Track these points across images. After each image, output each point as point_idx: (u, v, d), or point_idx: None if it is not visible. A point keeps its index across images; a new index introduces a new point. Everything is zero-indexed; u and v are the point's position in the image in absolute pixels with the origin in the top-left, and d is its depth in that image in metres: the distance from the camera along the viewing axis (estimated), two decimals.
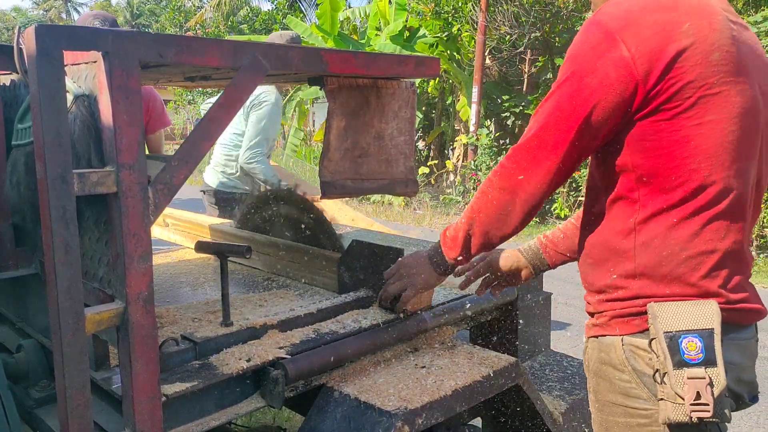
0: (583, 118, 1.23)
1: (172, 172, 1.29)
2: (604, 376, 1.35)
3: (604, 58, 1.20)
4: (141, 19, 42.22)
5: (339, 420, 1.51)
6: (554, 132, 1.27)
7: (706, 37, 1.19)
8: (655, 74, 1.17)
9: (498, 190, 1.36)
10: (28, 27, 1.15)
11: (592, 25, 1.25)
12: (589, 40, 1.24)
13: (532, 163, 1.31)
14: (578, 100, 1.23)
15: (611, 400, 1.34)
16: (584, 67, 1.23)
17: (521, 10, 10.65)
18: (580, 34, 1.28)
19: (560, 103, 1.26)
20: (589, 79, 1.22)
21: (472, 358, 1.77)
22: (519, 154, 1.33)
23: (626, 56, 1.18)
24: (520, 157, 1.32)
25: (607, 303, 1.34)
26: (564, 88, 1.26)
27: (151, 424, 1.28)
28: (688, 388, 1.17)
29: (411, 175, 1.97)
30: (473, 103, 10.19)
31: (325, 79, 1.72)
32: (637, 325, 1.29)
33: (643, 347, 1.27)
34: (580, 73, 1.23)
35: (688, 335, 1.20)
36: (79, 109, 1.27)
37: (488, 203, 1.39)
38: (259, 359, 1.51)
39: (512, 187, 1.34)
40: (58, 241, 1.16)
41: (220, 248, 1.71)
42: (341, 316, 1.80)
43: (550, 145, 1.28)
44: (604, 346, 1.34)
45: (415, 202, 11.09)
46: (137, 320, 1.25)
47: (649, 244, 1.27)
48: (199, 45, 1.32)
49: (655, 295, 1.26)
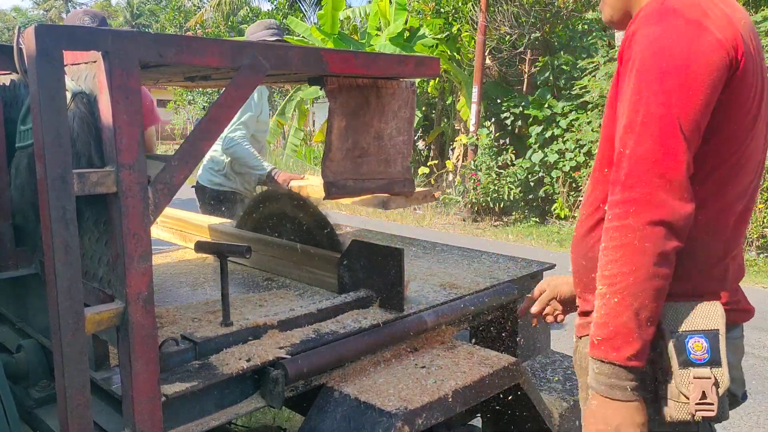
0: (701, 106, 1.14)
1: (172, 172, 1.30)
2: None
3: (700, 41, 1.14)
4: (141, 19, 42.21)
5: (339, 420, 1.51)
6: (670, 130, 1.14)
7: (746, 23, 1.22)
8: (740, 55, 1.17)
9: (643, 227, 1.13)
10: (28, 27, 1.15)
11: (669, 13, 1.18)
12: (674, 28, 1.16)
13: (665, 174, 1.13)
14: (691, 88, 1.13)
15: None
16: (685, 55, 1.14)
17: (521, 10, 10.64)
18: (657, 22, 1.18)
19: (670, 100, 1.14)
20: (696, 65, 1.13)
21: (472, 358, 1.77)
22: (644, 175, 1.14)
23: (720, 38, 1.15)
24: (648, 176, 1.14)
25: None
26: (667, 83, 1.14)
27: (151, 424, 1.28)
28: (694, 388, 1.17)
29: (408, 175, 1.97)
30: (473, 103, 10.18)
31: (325, 79, 1.72)
32: None
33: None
34: (682, 62, 1.14)
35: (694, 335, 1.19)
36: (78, 107, 1.27)
37: (641, 251, 1.13)
38: (259, 359, 1.51)
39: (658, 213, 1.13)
40: (58, 241, 1.16)
41: (220, 248, 1.71)
42: (341, 316, 1.80)
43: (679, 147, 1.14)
44: None
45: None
46: (137, 320, 1.25)
47: None
48: (199, 45, 1.32)
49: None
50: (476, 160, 10.02)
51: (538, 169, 9.89)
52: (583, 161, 9.41)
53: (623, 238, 1.14)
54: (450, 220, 10.14)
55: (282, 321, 1.68)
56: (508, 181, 9.74)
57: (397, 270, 1.82)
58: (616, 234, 1.16)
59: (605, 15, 1.42)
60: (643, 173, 1.14)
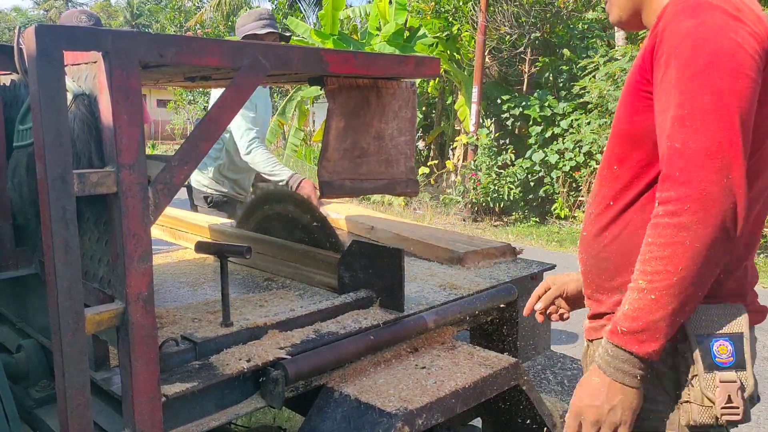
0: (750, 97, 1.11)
1: (172, 172, 1.29)
2: None
3: (739, 32, 1.12)
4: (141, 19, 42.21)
5: (339, 420, 1.51)
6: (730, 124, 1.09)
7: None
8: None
9: (696, 226, 1.09)
10: (28, 27, 1.15)
11: (705, 7, 1.15)
12: (712, 21, 1.13)
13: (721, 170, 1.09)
14: (740, 77, 1.10)
15: None
16: (724, 43, 1.11)
17: (521, 10, 10.64)
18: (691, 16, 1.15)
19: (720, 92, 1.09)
20: (741, 54, 1.10)
21: (473, 358, 1.77)
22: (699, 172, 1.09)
23: (757, 31, 1.13)
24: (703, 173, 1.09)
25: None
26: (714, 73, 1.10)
27: (151, 425, 1.28)
28: (720, 392, 1.15)
29: (411, 175, 1.97)
30: (473, 103, 10.18)
31: (325, 79, 1.72)
32: None
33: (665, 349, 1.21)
34: (723, 50, 1.10)
35: (719, 339, 1.18)
36: (79, 108, 1.27)
37: (689, 251, 1.09)
38: (259, 359, 1.51)
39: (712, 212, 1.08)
40: (58, 242, 1.16)
41: (220, 248, 1.71)
42: (341, 316, 1.80)
43: (734, 141, 1.09)
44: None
45: (415, 202, 11.08)
46: (137, 320, 1.25)
47: None
48: (199, 45, 1.32)
49: None
50: (476, 160, 10.02)
51: (538, 169, 9.89)
52: (583, 161, 9.41)
53: (674, 236, 1.10)
54: (450, 220, 10.14)
55: (282, 321, 1.68)
56: (508, 181, 9.74)
57: (397, 270, 1.82)
58: (666, 231, 1.11)
59: (613, 16, 1.39)
60: (699, 169, 1.09)
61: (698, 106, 1.10)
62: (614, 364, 1.18)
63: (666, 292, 1.12)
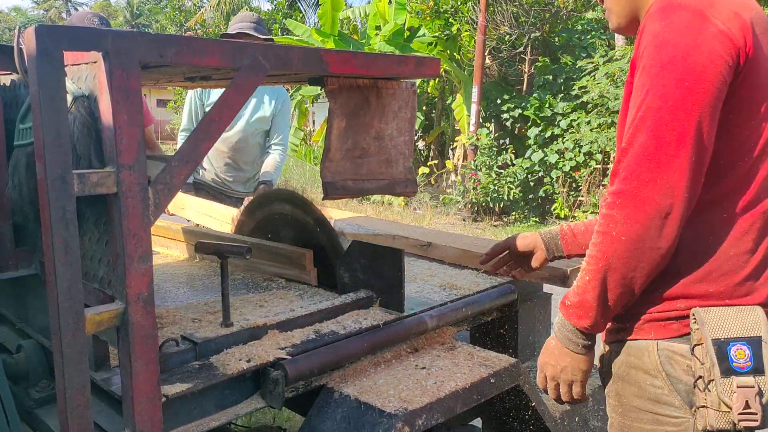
0: (700, 100, 1.12)
1: (172, 172, 1.29)
2: (632, 381, 1.31)
3: (703, 33, 1.13)
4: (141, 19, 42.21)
5: (339, 421, 1.51)
6: (673, 124, 1.12)
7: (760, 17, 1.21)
8: (749, 47, 1.15)
9: (623, 221, 1.16)
10: (28, 27, 1.15)
11: (673, 8, 1.17)
12: (676, 22, 1.15)
13: (657, 170, 1.13)
14: (690, 81, 1.12)
15: (638, 405, 1.30)
16: (684, 48, 1.12)
17: (521, 10, 10.65)
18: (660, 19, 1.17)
19: (666, 93, 1.13)
20: (696, 56, 1.12)
21: (473, 358, 1.77)
22: (636, 169, 1.15)
23: (724, 29, 1.14)
24: (639, 170, 1.14)
25: (643, 306, 1.28)
26: (664, 76, 1.13)
27: (151, 425, 1.28)
28: (737, 397, 1.14)
29: (410, 175, 1.97)
30: (473, 103, 10.19)
31: (325, 79, 1.72)
32: (675, 330, 1.24)
33: (682, 353, 1.23)
34: (681, 54, 1.12)
35: (736, 343, 1.16)
36: (79, 110, 1.27)
37: (615, 241, 1.17)
38: (259, 360, 1.51)
39: (641, 209, 1.14)
40: (57, 242, 1.16)
41: (220, 249, 1.71)
42: (341, 316, 1.80)
43: (672, 142, 1.12)
44: (633, 350, 1.30)
45: (415, 202, 11.08)
46: (137, 321, 1.25)
47: (695, 240, 1.22)
48: (199, 45, 1.32)
49: (698, 295, 1.22)
50: (476, 160, 10.02)
51: (538, 169, 9.89)
52: (582, 161, 9.42)
53: (606, 227, 1.19)
54: (450, 220, 10.14)
55: (282, 321, 1.68)
56: (508, 181, 9.75)
57: (397, 270, 1.82)
58: (602, 221, 1.20)
59: (612, 23, 1.40)
60: (635, 167, 1.15)
61: (647, 107, 1.15)
62: (563, 332, 1.32)
63: (597, 276, 1.21)
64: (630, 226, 1.15)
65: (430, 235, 2.60)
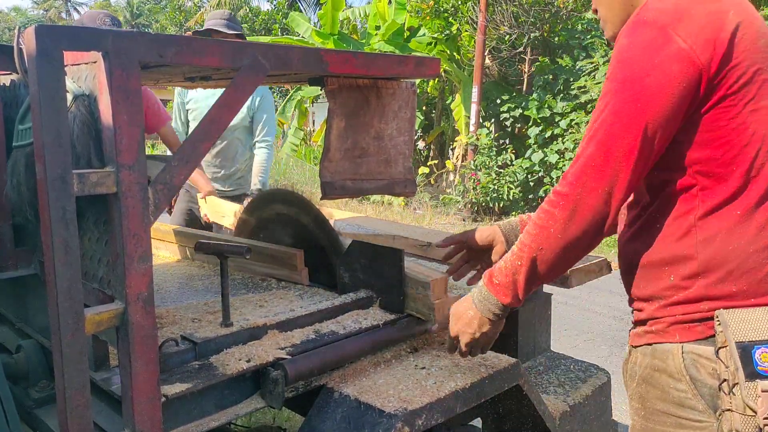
0: (651, 120, 1.17)
1: (172, 172, 1.29)
2: (656, 384, 1.30)
3: (661, 54, 1.16)
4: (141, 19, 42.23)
5: (339, 421, 1.51)
6: (620, 141, 1.19)
7: (750, 24, 1.20)
8: (715, 62, 1.16)
9: (563, 221, 1.25)
10: (28, 27, 1.15)
11: (640, 24, 1.21)
12: (639, 40, 1.19)
13: (601, 181, 1.21)
14: (641, 103, 1.17)
15: (661, 408, 1.29)
16: (641, 67, 1.17)
17: (521, 10, 10.65)
18: (627, 35, 1.22)
19: (620, 110, 1.19)
20: (650, 78, 1.17)
21: (472, 358, 1.77)
22: (582, 176, 1.23)
23: (685, 47, 1.15)
24: (585, 178, 1.22)
25: (667, 308, 1.28)
26: (621, 94, 1.19)
27: (151, 425, 1.28)
28: (762, 401, 1.13)
29: (409, 176, 1.97)
30: (473, 103, 10.19)
31: (325, 79, 1.72)
32: (700, 332, 1.24)
33: (707, 356, 1.22)
34: (637, 74, 1.18)
35: (761, 346, 1.16)
36: (79, 109, 1.27)
37: (551, 237, 1.27)
38: (259, 360, 1.51)
39: (581, 214, 1.24)
40: (57, 242, 1.16)
41: (220, 248, 1.71)
42: (341, 316, 1.80)
43: (619, 157, 1.19)
44: (659, 353, 1.29)
45: (415, 202, 11.08)
46: (137, 321, 1.25)
47: (711, 240, 1.22)
48: (199, 45, 1.32)
49: (722, 296, 1.22)
50: (476, 160, 10.02)
51: (537, 169, 9.89)
52: None
53: (545, 222, 1.28)
54: (450, 220, 10.14)
55: (282, 321, 1.68)
56: (508, 181, 9.75)
57: (397, 270, 1.82)
58: (542, 216, 1.30)
59: (608, 33, 1.41)
60: (582, 174, 1.23)
61: (600, 120, 1.22)
62: (485, 305, 1.44)
63: (526, 263, 1.32)
64: (568, 226, 1.25)
65: (430, 235, 2.60)
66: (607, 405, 2.22)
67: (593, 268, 2.30)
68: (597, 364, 2.31)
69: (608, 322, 5.18)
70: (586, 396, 2.08)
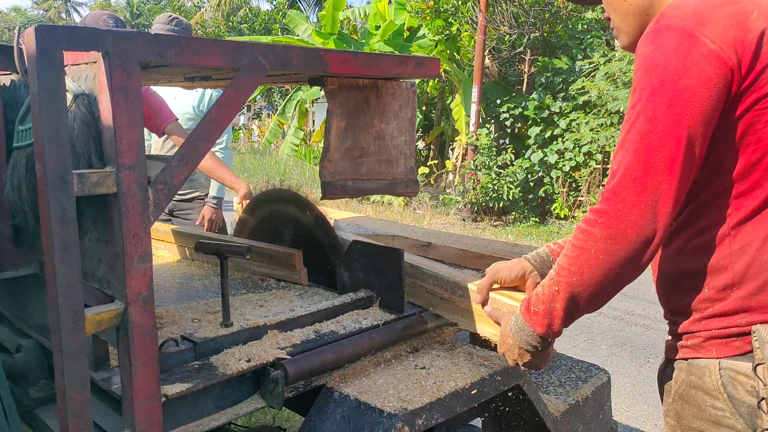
0: (691, 125, 1.11)
1: (172, 172, 1.29)
2: (692, 401, 1.25)
3: (692, 55, 1.12)
4: (141, 19, 42.22)
5: (339, 421, 1.51)
6: (660, 151, 1.12)
7: None
8: (745, 63, 1.13)
9: (604, 240, 1.16)
10: (28, 27, 1.15)
11: (663, 30, 1.16)
12: (666, 45, 1.14)
13: (642, 194, 1.13)
14: (680, 106, 1.11)
15: (698, 427, 1.25)
16: (673, 71, 1.12)
17: (520, 10, 10.65)
18: (651, 42, 1.17)
19: (656, 118, 1.12)
20: (684, 81, 1.11)
21: (472, 358, 1.77)
22: (621, 191, 1.14)
23: (714, 48, 1.12)
24: (625, 192, 1.14)
25: (702, 322, 1.23)
26: (654, 101, 1.13)
27: (151, 425, 1.28)
28: None
29: (411, 176, 1.97)
30: (473, 103, 10.18)
31: (325, 79, 1.72)
32: (738, 347, 1.19)
33: (745, 372, 1.17)
34: (670, 78, 1.12)
35: None
36: (79, 108, 1.27)
37: (592, 259, 1.17)
38: (259, 360, 1.51)
39: (624, 232, 1.14)
40: (57, 241, 1.16)
41: (220, 248, 1.71)
42: (341, 316, 1.80)
43: (660, 167, 1.12)
44: (695, 369, 1.24)
45: (415, 202, 11.08)
46: (137, 321, 1.25)
47: (747, 249, 1.18)
48: (199, 45, 1.32)
49: (758, 307, 1.17)
50: (476, 160, 10.02)
51: (537, 169, 9.89)
52: (582, 161, 9.42)
53: (584, 243, 1.19)
54: (450, 220, 10.14)
55: (282, 321, 1.68)
56: (508, 181, 9.74)
57: (397, 270, 1.82)
58: (580, 236, 1.20)
59: (622, 42, 1.37)
60: (621, 189, 1.15)
61: (636, 131, 1.15)
62: (521, 335, 1.34)
63: (566, 289, 1.22)
64: (610, 246, 1.16)
65: (429, 235, 2.60)
66: (608, 405, 2.22)
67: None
68: (597, 365, 2.31)
69: (608, 322, 5.18)
70: (586, 396, 2.08)
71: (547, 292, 1.26)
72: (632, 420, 3.51)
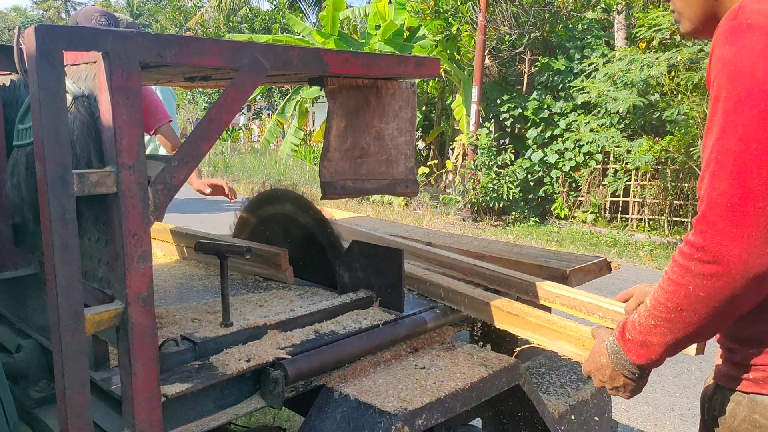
0: None
1: (172, 172, 1.29)
2: None
3: None
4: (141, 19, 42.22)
5: (339, 420, 1.51)
6: (759, 171, 0.99)
7: None
8: None
9: (704, 277, 1.03)
10: (27, 27, 1.15)
11: (743, 30, 1.03)
12: (749, 47, 1.01)
13: (744, 225, 0.99)
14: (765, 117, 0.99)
15: None
16: (762, 76, 0.99)
17: (521, 10, 10.64)
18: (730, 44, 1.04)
19: (749, 133, 0.99)
20: None
21: (472, 358, 1.77)
22: (717, 223, 1.01)
23: None
24: (722, 224, 1.01)
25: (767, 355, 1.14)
26: (744, 113, 1.00)
27: (151, 425, 1.28)
28: None
29: (411, 176, 1.97)
30: (473, 103, 10.18)
31: (325, 79, 1.72)
32: None
33: None
34: (759, 86, 0.99)
35: None
36: (79, 110, 1.27)
37: (692, 296, 1.06)
38: (259, 360, 1.51)
39: (728, 270, 1.01)
40: (57, 241, 1.16)
41: (220, 248, 1.71)
42: (341, 316, 1.80)
43: (761, 191, 0.99)
44: (759, 408, 1.14)
45: (415, 202, 11.08)
46: (137, 320, 1.25)
47: None
48: (199, 45, 1.32)
49: None
50: (476, 160, 10.02)
51: (537, 169, 9.89)
52: (582, 161, 9.42)
53: (680, 278, 1.08)
54: (450, 220, 10.14)
55: (282, 321, 1.68)
56: (508, 181, 9.74)
57: (397, 270, 1.82)
58: (678, 270, 1.09)
59: (685, 27, 1.25)
60: (717, 220, 1.02)
61: (724, 149, 1.02)
62: (617, 358, 1.23)
63: (662, 324, 1.12)
64: (711, 284, 1.04)
65: (429, 235, 2.61)
66: (608, 405, 2.22)
67: (592, 268, 2.30)
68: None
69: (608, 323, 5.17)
70: (586, 397, 2.08)
71: (644, 322, 1.16)
72: (632, 420, 3.51)
